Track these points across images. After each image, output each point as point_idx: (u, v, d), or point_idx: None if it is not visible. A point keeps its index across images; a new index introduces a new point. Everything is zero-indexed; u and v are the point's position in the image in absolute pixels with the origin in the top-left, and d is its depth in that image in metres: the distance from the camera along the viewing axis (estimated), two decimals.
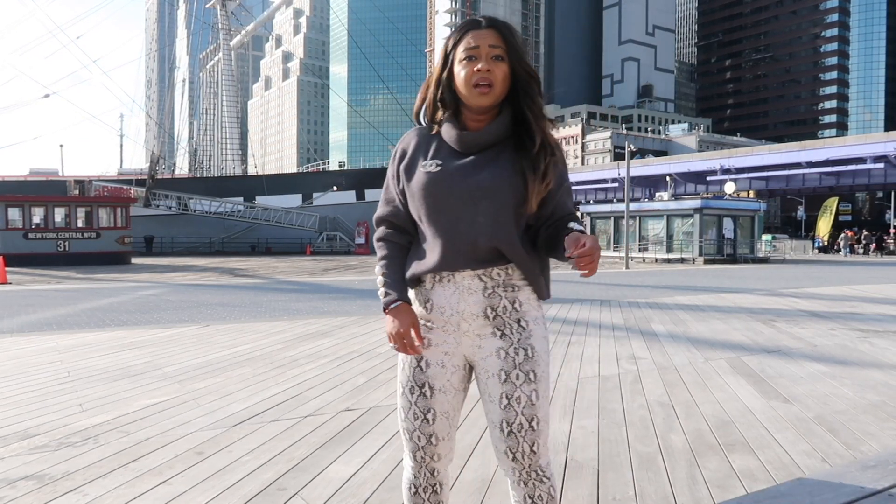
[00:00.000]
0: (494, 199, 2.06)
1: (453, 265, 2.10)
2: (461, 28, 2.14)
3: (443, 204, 2.09)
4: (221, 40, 74.25)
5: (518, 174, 2.07)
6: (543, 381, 2.15)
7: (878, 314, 11.05)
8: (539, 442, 2.14)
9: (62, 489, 3.39)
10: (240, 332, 8.66)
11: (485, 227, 2.06)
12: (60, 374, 6.07)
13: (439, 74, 2.17)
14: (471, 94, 2.08)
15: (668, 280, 20.45)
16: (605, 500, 3.31)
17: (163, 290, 16.22)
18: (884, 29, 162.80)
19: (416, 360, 2.19)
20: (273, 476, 3.59)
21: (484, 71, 2.05)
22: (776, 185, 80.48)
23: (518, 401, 2.10)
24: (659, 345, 7.85)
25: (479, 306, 2.13)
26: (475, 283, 2.12)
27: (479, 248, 2.08)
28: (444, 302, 2.15)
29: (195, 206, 52.96)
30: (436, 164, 2.11)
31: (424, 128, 2.26)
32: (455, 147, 2.13)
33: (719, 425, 4.56)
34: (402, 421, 2.24)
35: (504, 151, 2.11)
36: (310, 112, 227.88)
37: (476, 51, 2.07)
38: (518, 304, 2.15)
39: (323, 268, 28.70)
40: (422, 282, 2.19)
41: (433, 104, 2.21)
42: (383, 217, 2.26)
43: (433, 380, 2.18)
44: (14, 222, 31.64)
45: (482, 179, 2.07)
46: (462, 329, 2.15)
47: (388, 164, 2.29)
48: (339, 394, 5.38)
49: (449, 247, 2.09)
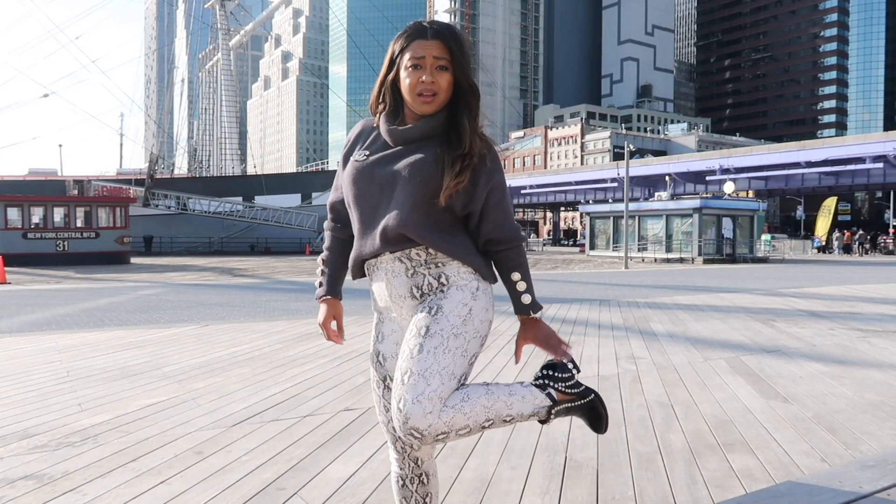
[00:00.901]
0: (406, 186, 2.10)
1: (375, 250, 2.16)
2: (408, 35, 2.17)
3: (364, 191, 2.17)
4: (220, 40, 74.19)
5: (435, 165, 2.10)
6: (437, 337, 2.04)
7: (878, 314, 11.05)
8: (407, 398, 1.96)
9: (61, 489, 3.38)
10: (239, 332, 8.66)
11: (399, 213, 2.10)
12: (59, 374, 6.07)
13: (384, 76, 2.22)
14: (415, 102, 2.14)
15: (668, 280, 20.46)
16: (605, 499, 3.31)
17: (162, 290, 16.21)
18: (883, 29, 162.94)
19: (375, 356, 2.29)
20: (272, 476, 3.59)
21: (428, 83, 2.10)
22: (775, 185, 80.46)
23: (402, 354, 2.07)
24: (658, 344, 7.85)
25: (405, 287, 2.17)
26: (397, 266, 2.17)
27: (393, 232, 2.11)
28: (379, 290, 2.25)
29: (194, 205, 52.93)
30: (364, 154, 2.21)
31: (369, 121, 2.34)
32: (388, 139, 2.20)
33: (718, 425, 4.56)
34: (378, 414, 2.30)
35: (429, 145, 2.15)
36: (309, 112, 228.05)
37: (421, 60, 2.11)
38: (444, 279, 2.15)
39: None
40: (363, 273, 2.29)
41: (375, 104, 2.29)
42: (331, 204, 2.39)
43: (392, 371, 2.21)
44: (13, 222, 31.62)
45: (399, 167, 2.12)
46: (401, 314, 2.21)
47: None
48: (339, 393, 5.38)
49: (369, 233, 2.17)
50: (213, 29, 76.55)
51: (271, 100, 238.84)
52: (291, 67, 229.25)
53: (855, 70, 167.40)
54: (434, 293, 2.14)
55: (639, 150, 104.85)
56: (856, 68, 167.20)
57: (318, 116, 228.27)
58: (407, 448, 2.26)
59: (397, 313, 2.23)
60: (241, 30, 79.66)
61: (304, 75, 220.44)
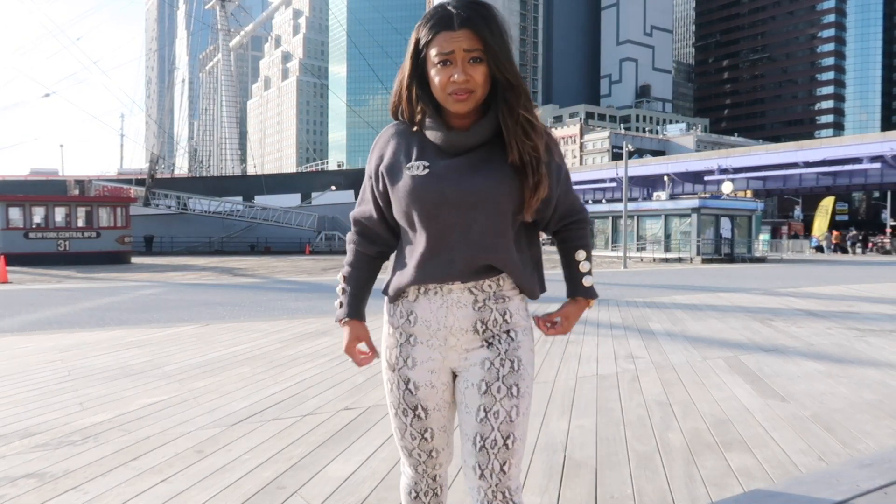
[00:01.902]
0: (490, 208, 1.90)
1: (442, 277, 1.94)
2: (432, 24, 1.88)
3: (434, 210, 1.90)
4: (220, 41, 74.25)
5: (514, 178, 1.91)
6: (526, 397, 1.98)
7: (875, 313, 11.06)
8: (511, 462, 1.94)
9: (63, 487, 3.40)
10: (239, 332, 8.67)
11: (480, 239, 1.91)
12: (61, 373, 6.08)
13: (411, 75, 1.95)
14: (447, 102, 1.88)
15: (666, 279, 20.46)
16: (603, 498, 3.33)
17: (162, 290, 16.22)
18: (880, 29, 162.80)
19: (403, 383, 2.04)
20: (272, 474, 3.60)
21: (461, 82, 1.84)
22: (773, 185, 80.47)
23: (496, 415, 1.92)
24: (657, 344, 7.87)
25: (469, 320, 1.97)
26: (465, 297, 1.96)
27: (473, 261, 1.92)
28: (429, 316, 1.99)
29: (194, 205, 52.93)
30: (423, 167, 1.92)
31: (403, 124, 2.05)
32: (441, 146, 1.94)
33: (717, 424, 4.58)
34: (400, 440, 2.12)
35: (495, 152, 1.93)
36: (309, 112, 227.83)
37: (451, 56, 1.84)
38: (508, 316, 2.00)
39: (322, 267, 28.69)
40: (404, 293, 2.02)
41: (408, 104, 1.99)
42: (356, 218, 2.15)
43: (425, 401, 2.04)
44: (15, 222, 31.65)
45: (476, 184, 1.89)
46: (449, 343, 2.00)
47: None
48: (339, 392, 5.40)
49: (439, 258, 1.93)
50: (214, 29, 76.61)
51: (271, 100, 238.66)
52: (291, 68, 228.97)
53: (852, 70, 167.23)
54: (499, 334, 1.99)
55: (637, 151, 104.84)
56: (853, 69, 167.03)
57: (317, 116, 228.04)
58: (428, 469, 2.14)
59: (450, 343, 2.00)
60: (242, 30, 79.71)
61: (304, 75, 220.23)
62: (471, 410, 1.96)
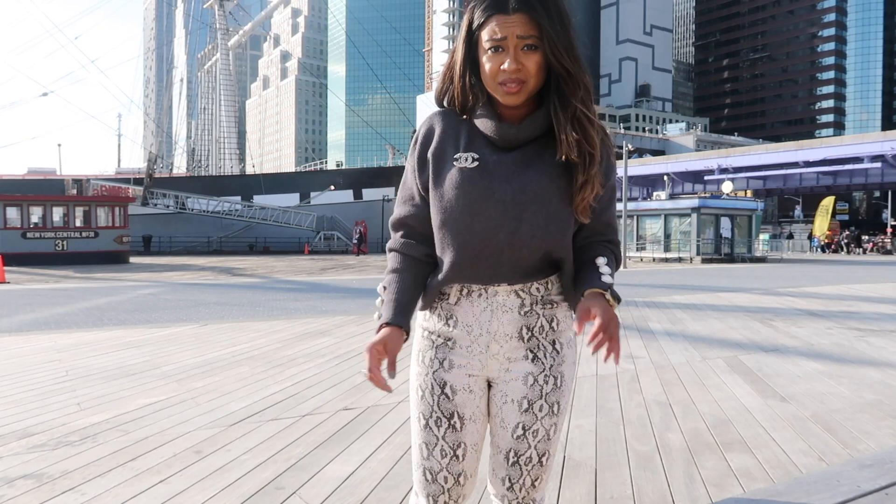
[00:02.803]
0: (543, 206, 1.76)
1: (488, 278, 1.80)
2: (486, 6, 1.74)
3: (480, 207, 1.75)
4: (219, 40, 74.15)
5: (565, 177, 1.78)
6: (564, 413, 1.90)
7: (875, 313, 11.06)
8: (543, 477, 1.90)
9: (60, 488, 3.39)
10: (238, 332, 8.66)
11: (530, 240, 1.76)
12: (59, 374, 6.07)
13: (465, 58, 1.81)
14: (497, 92, 1.75)
15: (666, 279, 20.47)
16: (603, 498, 3.32)
17: (161, 290, 16.20)
18: (880, 29, 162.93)
19: (438, 387, 1.86)
20: (271, 475, 3.59)
21: (511, 70, 1.70)
22: (773, 185, 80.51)
23: (535, 434, 1.85)
24: (656, 344, 7.86)
25: (515, 326, 1.83)
26: (512, 300, 1.82)
27: (522, 261, 1.79)
28: (471, 319, 1.84)
29: (193, 205, 52.89)
30: (472, 159, 1.78)
31: (451, 111, 1.90)
32: (492, 138, 1.80)
33: (717, 424, 4.57)
34: (425, 460, 1.88)
35: (548, 148, 1.79)
36: (308, 111, 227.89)
37: (503, 42, 1.70)
38: (556, 323, 1.88)
39: (321, 267, 28.69)
40: (444, 294, 1.87)
41: (463, 93, 1.85)
42: (401, 220, 1.93)
43: (462, 408, 1.86)
44: (12, 221, 31.61)
45: (528, 181, 1.76)
46: (491, 351, 1.85)
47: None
48: (338, 393, 5.39)
49: (485, 258, 1.78)
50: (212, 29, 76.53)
51: (270, 99, 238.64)
52: (290, 67, 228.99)
53: (853, 70, 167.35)
54: (545, 344, 1.86)
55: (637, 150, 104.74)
56: (854, 68, 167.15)
57: (316, 116, 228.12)
58: (450, 502, 1.91)
59: (492, 350, 1.85)
60: (240, 29, 79.62)
61: (303, 75, 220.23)
62: (507, 426, 1.87)
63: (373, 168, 65.39)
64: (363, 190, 56.90)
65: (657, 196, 46.48)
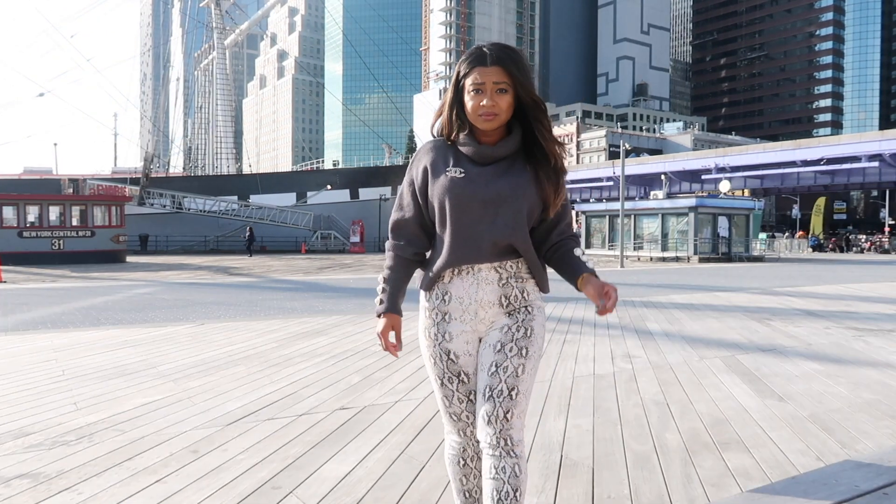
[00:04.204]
0: (512, 205, 2.33)
1: (474, 259, 2.37)
2: (470, 61, 2.34)
3: (466, 206, 2.33)
4: (215, 39, 74.08)
5: (531, 184, 2.36)
6: (533, 359, 2.38)
7: (873, 313, 11.07)
8: (514, 412, 2.29)
9: (56, 488, 3.38)
10: (234, 331, 8.65)
11: (503, 229, 2.34)
12: (55, 373, 6.06)
13: (452, 99, 2.40)
14: (477, 122, 2.34)
15: (663, 278, 20.48)
16: (600, 498, 3.31)
17: (157, 289, 16.19)
18: (878, 28, 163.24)
19: (444, 355, 2.43)
20: (268, 475, 3.58)
21: (489, 106, 2.29)
22: (771, 184, 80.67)
23: (505, 370, 2.31)
24: (654, 343, 7.86)
25: (495, 295, 2.40)
26: (492, 275, 2.40)
27: (497, 245, 2.35)
28: (462, 293, 2.41)
29: (189, 204, 52.86)
30: (459, 171, 2.35)
31: (439, 140, 2.50)
32: (473, 158, 2.37)
33: (714, 424, 4.56)
34: (448, 407, 2.48)
35: (516, 163, 2.39)
36: (305, 111, 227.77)
37: (482, 86, 2.30)
38: (526, 294, 2.44)
39: (318, 266, 28.69)
40: (441, 277, 2.44)
41: (449, 124, 2.43)
42: (395, 223, 2.53)
43: (466, 367, 2.44)
44: (8, 221, 31.56)
45: (501, 187, 2.34)
46: (479, 316, 2.42)
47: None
48: (334, 392, 5.38)
49: (471, 244, 2.35)
50: (209, 27, 76.44)
51: (267, 98, 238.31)
52: (287, 66, 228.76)
53: (850, 69, 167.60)
54: (519, 308, 2.43)
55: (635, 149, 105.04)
56: (851, 67, 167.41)
57: (313, 115, 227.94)
58: (473, 430, 2.46)
59: (479, 316, 2.42)
60: (237, 28, 79.52)
61: (300, 74, 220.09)
62: (484, 367, 2.37)
63: (369, 167, 65.46)
64: (360, 189, 56.94)
65: (654, 195, 46.51)
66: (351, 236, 50.98)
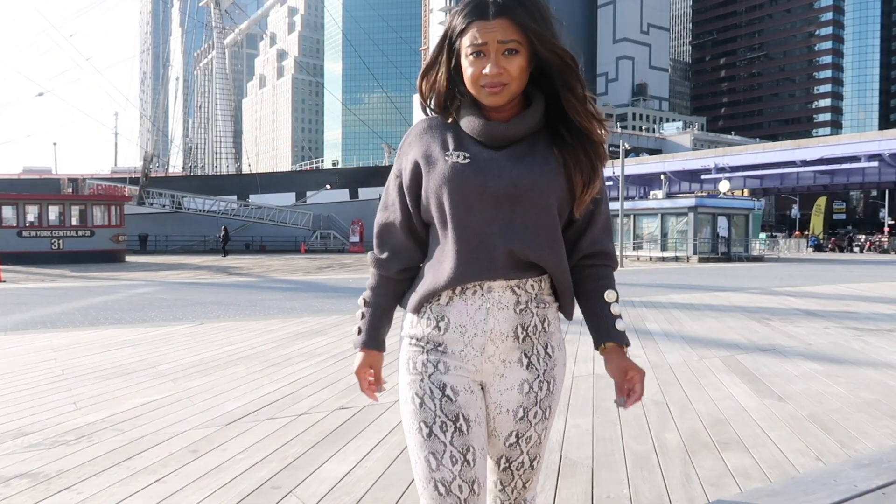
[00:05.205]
0: (534, 201, 1.74)
1: (484, 275, 1.74)
2: (466, 13, 1.75)
3: (473, 202, 1.73)
4: (215, 38, 74.09)
5: (559, 172, 1.77)
6: (555, 415, 1.90)
7: (873, 312, 11.07)
8: (534, 479, 1.91)
9: (56, 487, 3.38)
10: (234, 331, 8.65)
11: (524, 234, 1.74)
12: (54, 373, 6.06)
13: (448, 64, 1.82)
14: (480, 95, 1.75)
15: (663, 278, 20.48)
16: (600, 498, 3.31)
17: (157, 289, 16.19)
18: (878, 28, 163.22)
19: (438, 390, 1.75)
20: (267, 474, 3.58)
21: (493, 75, 1.70)
22: (770, 184, 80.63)
23: (527, 440, 1.83)
24: (653, 343, 7.86)
25: (511, 324, 1.78)
26: (507, 297, 1.77)
27: (514, 256, 1.74)
28: (465, 319, 1.77)
29: (189, 204, 52.82)
30: (463, 156, 1.75)
31: (437, 118, 1.89)
32: (479, 139, 1.78)
33: (714, 424, 4.56)
34: (434, 472, 1.71)
35: (539, 144, 1.80)
36: (304, 110, 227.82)
37: (484, 47, 1.71)
38: (547, 324, 1.84)
39: (317, 266, 28.67)
40: (435, 296, 1.80)
41: (444, 95, 1.86)
42: (377, 228, 1.95)
43: (467, 409, 1.76)
44: (8, 220, 31.57)
45: (520, 176, 1.73)
46: (486, 353, 1.78)
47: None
48: (334, 392, 5.37)
49: (479, 253, 1.74)
50: (208, 27, 76.48)
51: (266, 98, 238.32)
52: (287, 66, 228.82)
53: (850, 69, 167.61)
54: (539, 347, 1.82)
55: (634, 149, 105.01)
56: (851, 67, 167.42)
57: (313, 115, 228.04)
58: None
59: (487, 352, 1.79)
60: (236, 28, 79.57)
61: (300, 73, 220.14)
62: (500, 434, 1.84)
63: (369, 167, 65.40)
64: (359, 189, 56.88)
65: (654, 195, 46.49)
66: (350, 236, 50.90)
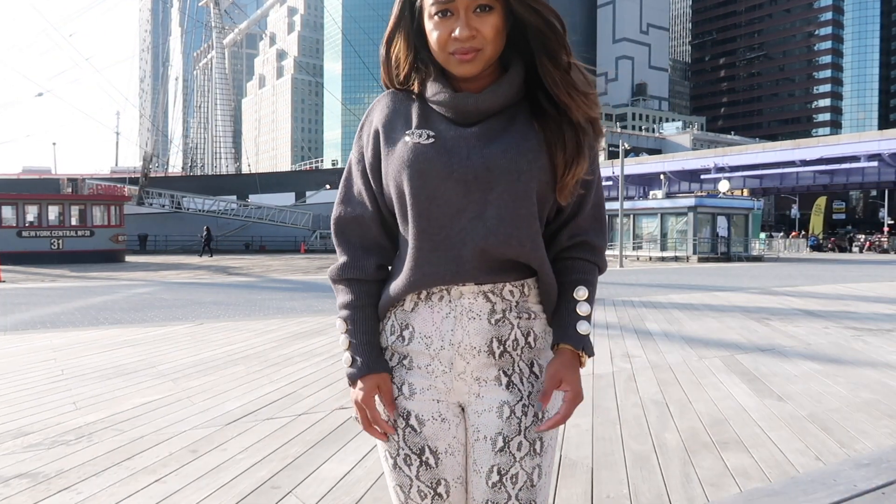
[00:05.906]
0: (512, 185, 1.44)
1: (450, 276, 1.47)
2: None
3: (437, 189, 1.44)
4: (214, 38, 74.12)
5: (541, 151, 1.46)
6: (550, 452, 1.55)
7: (872, 312, 11.07)
8: None
9: (56, 487, 3.38)
10: (233, 331, 8.65)
11: (498, 226, 1.44)
12: (54, 373, 6.05)
13: (406, 27, 1.52)
14: (449, 63, 1.46)
15: (663, 278, 20.47)
16: (600, 498, 3.31)
17: (156, 289, 16.18)
18: (877, 27, 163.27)
19: (402, 419, 1.53)
20: (267, 474, 3.58)
21: (464, 38, 1.40)
22: (770, 184, 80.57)
23: (514, 480, 1.49)
24: (653, 343, 7.86)
25: (483, 337, 1.50)
26: (479, 304, 1.49)
27: (488, 254, 1.46)
28: (430, 329, 1.51)
29: (188, 204, 52.81)
30: (427, 135, 1.47)
31: (400, 91, 1.59)
32: (447, 115, 1.50)
33: (713, 423, 4.56)
34: (404, 501, 1.56)
35: (517, 118, 1.50)
36: (304, 110, 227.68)
37: (450, 4, 1.41)
38: (532, 339, 1.54)
39: (317, 266, 28.65)
40: (399, 301, 1.54)
41: (405, 64, 1.55)
42: (336, 223, 1.62)
43: (434, 441, 1.53)
44: (7, 220, 31.58)
45: (492, 156, 1.44)
46: (456, 369, 1.52)
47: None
48: (333, 392, 5.37)
49: (445, 251, 1.46)
50: (208, 27, 76.49)
51: (266, 98, 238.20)
52: (286, 66, 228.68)
53: (850, 69, 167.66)
54: (522, 366, 1.53)
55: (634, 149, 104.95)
56: (850, 67, 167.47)
57: (312, 115, 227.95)
58: None
59: (456, 368, 1.52)
60: (236, 28, 79.57)
61: (299, 73, 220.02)
62: (480, 469, 1.52)
63: None
64: None
65: (654, 195, 46.51)
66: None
